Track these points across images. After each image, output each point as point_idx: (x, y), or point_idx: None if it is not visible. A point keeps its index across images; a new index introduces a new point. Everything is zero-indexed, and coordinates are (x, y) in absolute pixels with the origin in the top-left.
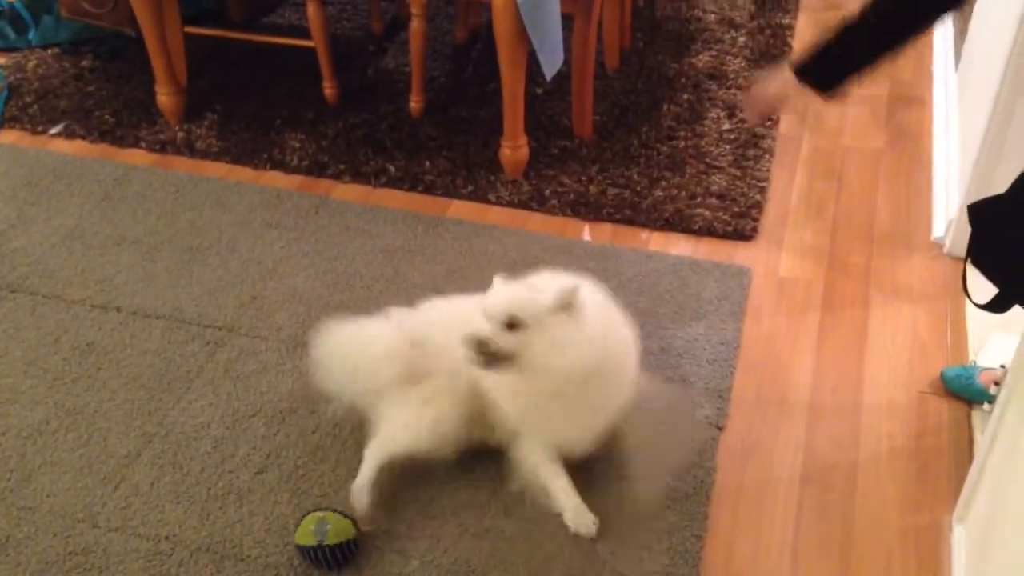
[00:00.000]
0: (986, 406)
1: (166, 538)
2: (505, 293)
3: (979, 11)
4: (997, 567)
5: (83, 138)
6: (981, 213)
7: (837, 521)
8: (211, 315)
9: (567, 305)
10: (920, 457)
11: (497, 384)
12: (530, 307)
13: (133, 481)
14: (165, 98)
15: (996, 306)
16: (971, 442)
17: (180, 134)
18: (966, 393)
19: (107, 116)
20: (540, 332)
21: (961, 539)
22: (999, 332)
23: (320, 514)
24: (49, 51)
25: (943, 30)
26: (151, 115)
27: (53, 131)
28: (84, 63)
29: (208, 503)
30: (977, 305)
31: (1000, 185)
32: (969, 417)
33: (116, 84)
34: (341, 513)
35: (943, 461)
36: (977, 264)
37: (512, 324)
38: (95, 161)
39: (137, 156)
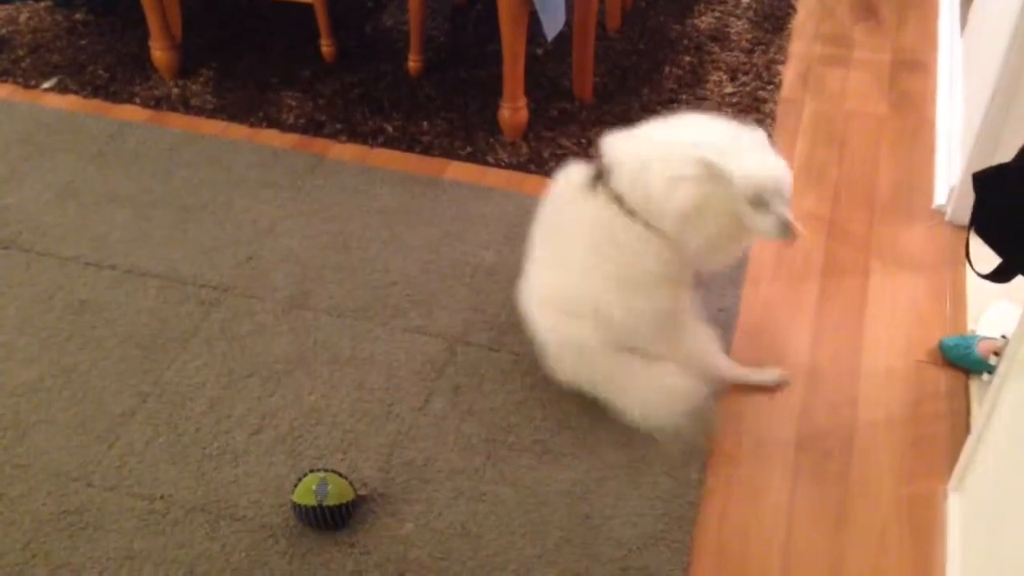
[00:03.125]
0: (984, 376)
1: (161, 497)
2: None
3: None
4: (991, 537)
5: (76, 93)
6: (986, 182)
7: (832, 489)
8: (206, 274)
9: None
10: (917, 426)
11: None
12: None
13: (128, 440)
14: (160, 53)
15: (999, 276)
16: (968, 412)
17: (175, 90)
18: (964, 362)
19: (101, 71)
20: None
21: (956, 509)
22: (1000, 301)
23: (320, 474)
24: (42, 4)
25: None
26: (145, 70)
27: (46, 85)
28: (77, 16)
29: (203, 463)
30: (980, 275)
31: (1004, 154)
32: (967, 387)
33: (110, 38)
34: (339, 474)
35: (940, 430)
36: (981, 233)
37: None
38: (88, 117)
39: (131, 112)
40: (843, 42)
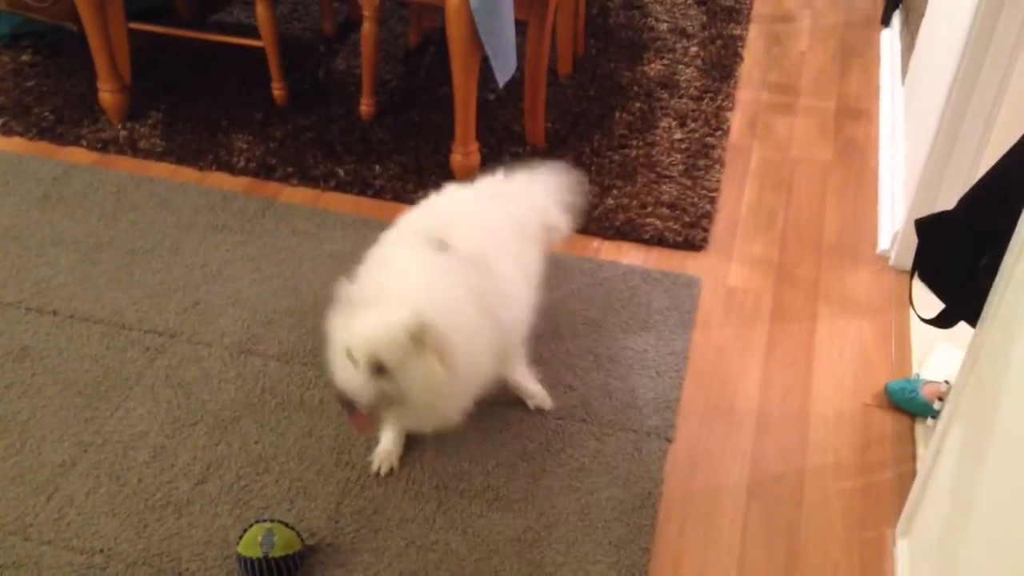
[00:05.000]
0: (929, 421)
1: (101, 551)
2: (366, 327)
3: (926, 26)
4: None
5: (21, 135)
6: (929, 229)
7: (783, 533)
8: (152, 320)
9: (422, 341)
10: (865, 470)
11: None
12: (391, 349)
13: (67, 491)
14: (108, 95)
15: (942, 321)
16: (914, 456)
17: (123, 133)
18: (909, 407)
19: (47, 113)
20: (405, 373)
21: (904, 553)
22: (943, 344)
23: (267, 524)
24: None
25: (890, 45)
26: (93, 113)
27: None
28: (24, 58)
29: (145, 515)
30: (924, 320)
31: (945, 199)
32: (912, 430)
33: (57, 80)
34: (286, 525)
35: (887, 474)
36: (924, 279)
37: (379, 367)
38: (33, 159)
39: (77, 155)
40: (789, 90)
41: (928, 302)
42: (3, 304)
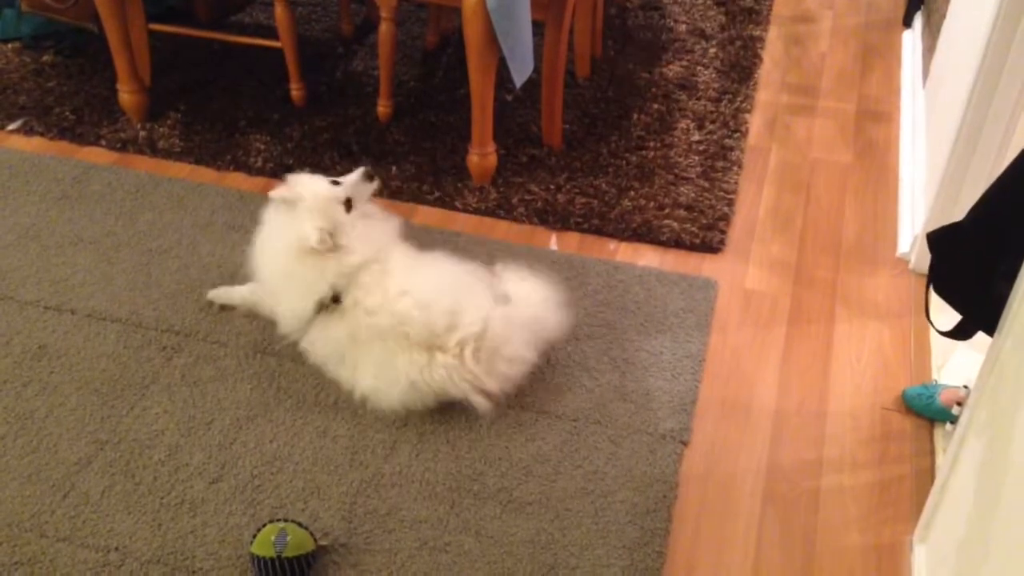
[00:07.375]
0: (948, 426)
1: (116, 549)
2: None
3: (947, 28)
4: None
5: (42, 135)
6: (941, 241)
7: (799, 538)
8: (169, 319)
9: None
10: (882, 476)
11: None
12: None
13: (83, 489)
14: (127, 96)
15: (959, 333)
16: (933, 461)
17: (142, 133)
18: (927, 412)
19: (67, 113)
20: None
21: (922, 559)
22: (963, 348)
23: (280, 524)
24: (9, 45)
25: (912, 46)
26: (113, 113)
27: (11, 127)
28: (45, 58)
29: (160, 513)
30: (941, 333)
31: (966, 201)
32: (931, 435)
33: (77, 80)
34: (300, 524)
35: (905, 480)
36: (939, 292)
37: None
38: (53, 159)
39: (97, 154)
40: (809, 92)
41: (947, 311)
42: (22, 303)
